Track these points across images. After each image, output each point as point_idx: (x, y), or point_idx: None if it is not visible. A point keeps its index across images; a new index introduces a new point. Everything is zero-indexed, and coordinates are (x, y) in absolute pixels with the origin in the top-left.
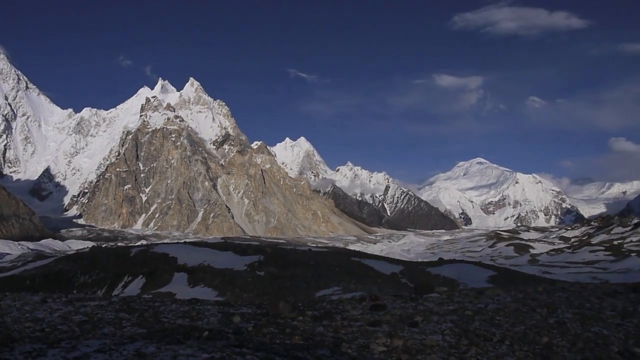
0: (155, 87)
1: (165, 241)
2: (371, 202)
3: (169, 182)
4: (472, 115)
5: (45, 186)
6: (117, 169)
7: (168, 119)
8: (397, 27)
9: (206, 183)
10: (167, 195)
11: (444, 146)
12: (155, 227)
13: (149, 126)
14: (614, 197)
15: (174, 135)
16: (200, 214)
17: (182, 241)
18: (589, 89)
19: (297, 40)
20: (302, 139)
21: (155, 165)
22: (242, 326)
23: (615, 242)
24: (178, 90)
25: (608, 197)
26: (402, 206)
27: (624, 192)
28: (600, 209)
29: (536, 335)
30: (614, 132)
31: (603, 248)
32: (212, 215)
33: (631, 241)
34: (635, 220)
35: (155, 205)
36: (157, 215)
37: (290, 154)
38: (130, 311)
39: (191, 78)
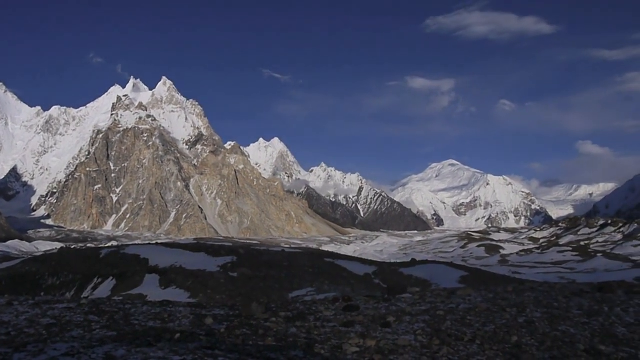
0: (127, 86)
1: (136, 242)
2: (345, 203)
3: (140, 182)
4: (445, 117)
5: (12, 186)
6: (87, 169)
7: (140, 118)
8: (370, 30)
9: (179, 183)
10: (138, 195)
11: (417, 148)
12: (126, 228)
13: (120, 125)
14: (581, 199)
15: (146, 135)
16: (173, 215)
17: (154, 242)
18: (557, 93)
19: (271, 41)
20: (276, 139)
21: (126, 165)
22: (215, 328)
23: (582, 243)
24: (150, 89)
25: (575, 198)
26: (375, 207)
27: (591, 194)
28: (568, 210)
29: (506, 334)
30: (581, 135)
31: (570, 249)
32: (184, 216)
33: (597, 242)
34: (601, 222)
35: (126, 206)
36: (128, 216)
37: (264, 154)
38: (100, 314)
39: (164, 77)
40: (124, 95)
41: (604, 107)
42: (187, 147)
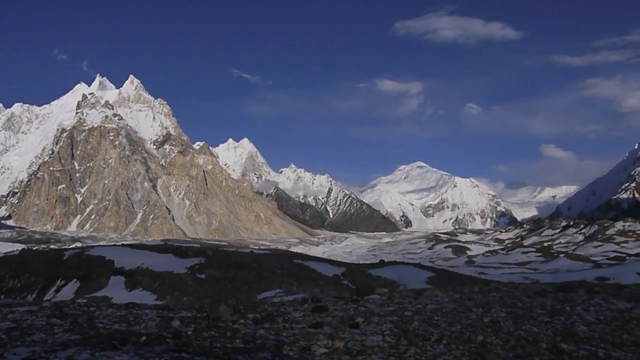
0: (93, 84)
1: (101, 243)
2: (314, 204)
3: (106, 182)
4: (413, 120)
5: None
6: (51, 168)
7: (106, 116)
8: (340, 32)
9: (145, 184)
10: (104, 195)
11: (386, 150)
12: (91, 229)
13: (85, 124)
14: (545, 201)
15: (112, 134)
16: (139, 216)
17: (120, 243)
18: (522, 97)
19: (241, 41)
20: (245, 140)
21: (91, 164)
22: (182, 330)
23: (546, 244)
24: (117, 88)
25: (539, 200)
26: (344, 208)
27: (554, 196)
28: (532, 212)
29: (472, 334)
30: (545, 139)
31: (534, 249)
32: (151, 216)
33: (560, 243)
34: (564, 223)
35: (91, 206)
36: (93, 217)
37: (233, 155)
38: (62, 317)
39: (131, 75)
40: (90, 94)
41: (566, 112)
42: (155, 146)
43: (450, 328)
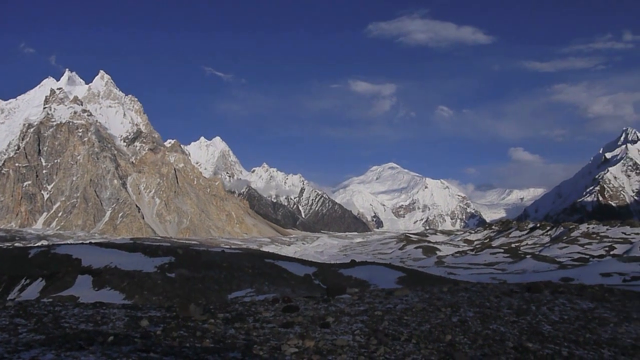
0: (62, 79)
1: (68, 242)
2: (286, 204)
3: (74, 179)
4: (386, 121)
5: None
6: (16, 164)
7: (75, 112)
8: (314, 32)
9: (115, 181)
10: (71, 193)
11: (359, 150)
12: (58, 227)
13: (53, 119)
14: (513, 203)
15: (81, 130)
16: (108, 214)
17: (88, 242)
18: (492, 101)
19: (213, 39)
20: (218, 138)
21: (59, 161)
22: (150, 330)
23: (513, 245)
24: (87, 83)
25: (508, 202)
26: (316, 208)
27: (522, 199)
28: (500, 213)
29: (440, 333)
30: (514, 142)
31: (502, 250)
32: (120, 214)
33: (527, 244)
34: (531, 225)
35: (58, 204)
36: (60, 214)
37: (205, 153)
38: (27, 316)
39: (101, 71)
40: (58, 88)
41: (534, 116)
42: (125, 144)
43: (420, 327)
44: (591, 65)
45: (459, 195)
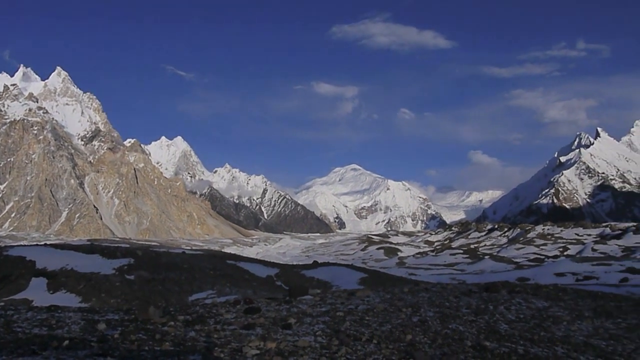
0: (16, 75)
1: (22, 243)
2: (248, 205)
3: (28, 178)
4: (348, 123)
5: None
6: None
7: (30, 109)
8: (277, 32)
9: (72, 181)
10: (25, 193)
11: (321, 152)
12: (11, 228)
13: (6, 116)
14: (472, 205)
15: (36, 128)
16: (64, 214)
17: (43, 243)
18: (452, 105)
19: (175, 37)
20: (179, 138)
21: (12, 159)
22: (108, 334)
23: (472, 246)
24: (43, 80)
25: (467, 204)
26: (279, 209)
27: (481, 200)
28: (460, 215)
29: (401, 333)
30: (473, 145)
31: (462, 251)
32: (77, 215)
33: (485, 245)
34: (489, 226)
35: (11, 204)
36: (13, 215)
37: (166, 153)
38: None
39: (58, 67)
40: (12, 84)
41: (493, 120)
42: (83, 142)
43: (381, 328)
44: (547, 72)
45: (420, 197)
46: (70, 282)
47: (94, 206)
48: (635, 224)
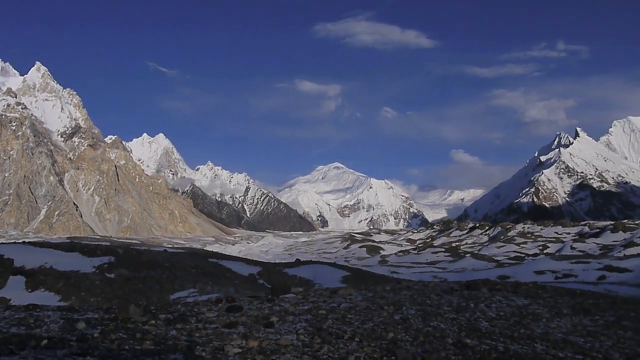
0: None
1: (0, 241)
2: (231, 203)
3: (7, 175)
4: (332, 121)
5: None
6: None
7: (8, 105)
8: (261, 30)
9: (51, 178)
10: (4, 190)
11: (305, 150)
12: None
13: None
14: (454, 204)
15: (14, 124)
16: (44, 212)
17: (21, 241)
18: (435, 104)
19: (158, 33)
20: (161, 135)
21: None
22: (88, 333)
23: (454, 245)
24: (22, 75)
25: (449, 203)
26: (262, 208)
27: (462, 199)
28: (442, 214)
29: (383, 331)
30: (455, 144)
31: (443, 250)
32: (57, 213)
33: (467, 243)
34: (471, 225)
35: None
36: None
37: (148, 150)
38: None
39: (38, 62)
40: None
41: (475, 120)
42: (63, 139)
43: (363, 326)
44: (528, 72)
45: (402, 196)
46: (49, 281)
47: (74, 204)
48: (613, 222)
